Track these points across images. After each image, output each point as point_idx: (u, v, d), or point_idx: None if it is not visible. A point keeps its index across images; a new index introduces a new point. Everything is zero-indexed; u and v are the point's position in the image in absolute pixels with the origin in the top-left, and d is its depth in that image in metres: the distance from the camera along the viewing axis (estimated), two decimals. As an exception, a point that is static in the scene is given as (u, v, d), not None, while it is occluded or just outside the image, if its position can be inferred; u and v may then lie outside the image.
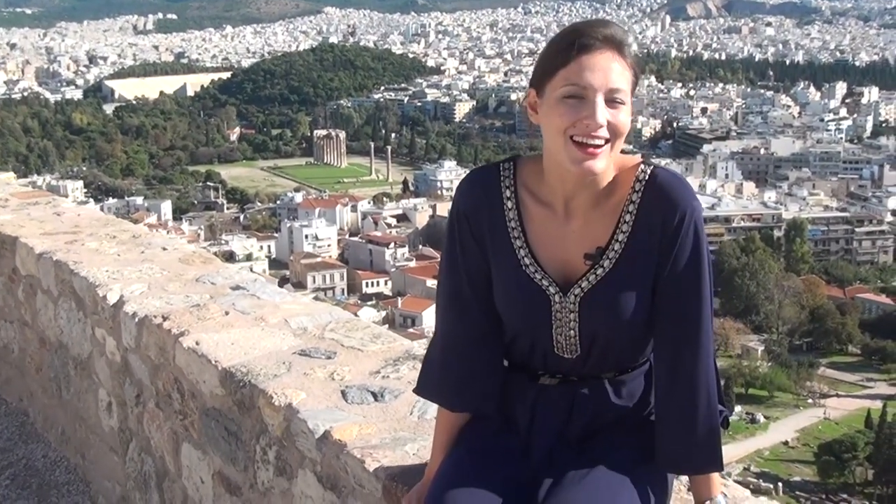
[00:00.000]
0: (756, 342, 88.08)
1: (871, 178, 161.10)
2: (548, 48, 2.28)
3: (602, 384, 2.43)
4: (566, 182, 2.31)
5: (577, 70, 2.20)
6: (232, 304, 4.13)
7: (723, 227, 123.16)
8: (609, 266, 2.33)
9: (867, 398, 74.99)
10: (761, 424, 71.02)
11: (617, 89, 2.23)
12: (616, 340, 2.39)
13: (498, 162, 2.44)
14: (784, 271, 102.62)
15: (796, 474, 63.26)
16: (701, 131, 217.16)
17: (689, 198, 2.34)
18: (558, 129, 2.20)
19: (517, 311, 2.38)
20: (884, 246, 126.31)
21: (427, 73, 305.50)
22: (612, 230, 2.33)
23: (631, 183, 2.34)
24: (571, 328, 2.36)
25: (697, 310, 2.36)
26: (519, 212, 2.37)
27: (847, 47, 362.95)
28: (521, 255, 2.36)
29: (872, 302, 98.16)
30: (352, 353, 3.56)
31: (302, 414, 3.05)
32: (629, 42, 2.33)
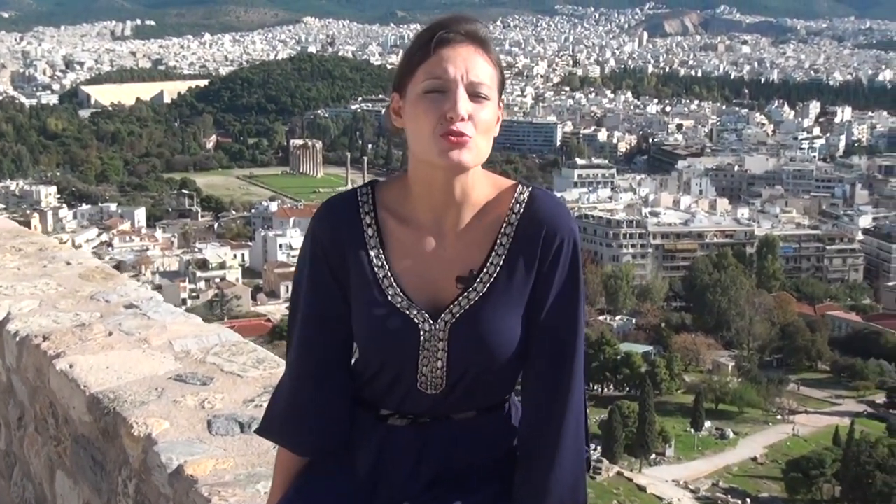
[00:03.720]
0: (727, 358, 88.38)
1: (843, 196, 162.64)
2: (408, 47, 2.17)
3: (458, 424, 2.25)
4: (434, 192, 2.16)
5: (438, 62, 2.09)
6: (118, 325, 3.93)
7: (696, 243, 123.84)
8: (482, 290, 2.17)
9: (836, 415, 75.33)
10: (730, 440, 71.15)
11: (479, 83, 2.10)
12: (485, 374, 2.21)
13: (355, 187, 2.29)
14: (755, 288, 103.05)
15: (764, 490, 63.40)
16: (676, 147, 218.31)
17: (569, 221, 2.20)
18: (423, 127, 2.08)
19: (382, 347, 2.20)
20: (854, 264, 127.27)
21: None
22: (487, 252, 2.17)
23: (509, 203, 2.19)
24: (439, 358, 2.18)
25: (573, 341, 2.22)
26: (381, 238, 2.21)
27: (821, 67, 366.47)
28: (386, 285, 2.19)
29: (842, 320, 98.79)
30: (230, 378, 3.36)
31: (159, 446, 2.86)
32: (492, 40, 2.21)
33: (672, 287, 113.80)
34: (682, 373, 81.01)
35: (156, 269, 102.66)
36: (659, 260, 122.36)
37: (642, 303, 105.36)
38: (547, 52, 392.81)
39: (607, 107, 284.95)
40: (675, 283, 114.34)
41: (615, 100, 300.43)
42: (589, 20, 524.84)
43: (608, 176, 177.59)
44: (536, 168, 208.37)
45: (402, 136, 2.24)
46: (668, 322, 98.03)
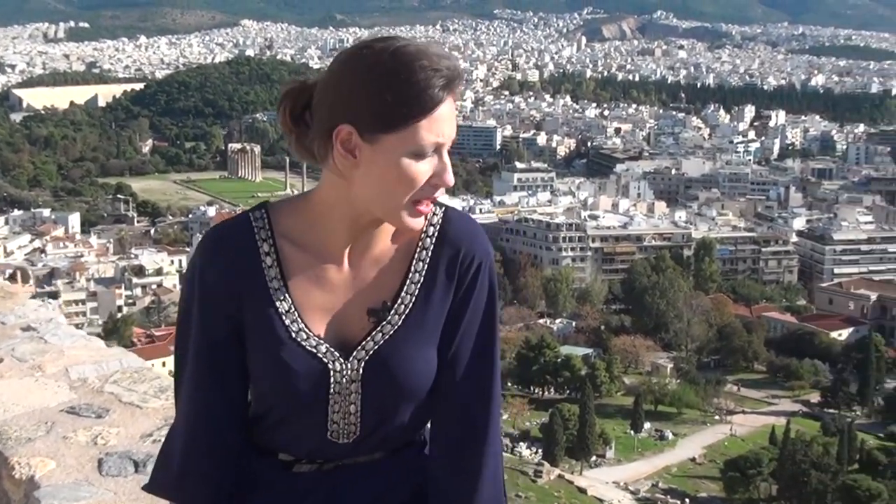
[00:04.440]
0: (665, 359, 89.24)
1: (778, 199, 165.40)
2: (396, 86, 1.83)
3: (370, 467, 2.05)
4: (344, 219, 1.96)
5: (439, 121, 1.85)
6: (11, 350, 3.63)
7: (634, 246, 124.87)
8: (397, 323, 1.97)
9: (772, 415, 76.52)
10: (669, 441, 71.78)
11: (455, 137, 1.92)
12: (402, 415, 2.02)
13: (246, 212, 2.03)
14: (693, 290, 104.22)
15: (703, 490, 64.04)
16: (614, 151, 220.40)
17: (485, 243, 2.03)
18: (399, 189, 1.86)
19: (286, 392, 1.97)
20: (789, 266, 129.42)
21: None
22: (401, 280, 1.99)
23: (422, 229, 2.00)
24: (352, 402, 1.98)
25: (490, 374, 2.03)
26: (281, 268, 1.97)
27: (756, 71, 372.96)
28: (289, 321, 1.96)
29: (778, 320, 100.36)
30: (128, 410, 3.10)
31: (42, 490, 2.61)
32: None
33: (611, 289, 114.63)
34: (621, 375, 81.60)
35: (91, 276, 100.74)
36: (598, 263, 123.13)
37: (582, 305, 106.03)
38: (486, 57, 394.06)
39: (546, 111, 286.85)
40: (615, 286, 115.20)
41: (554, 104, 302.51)
42: (528, 24, 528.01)
43: (548, 179, 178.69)
44: (477, 172, 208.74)
45: (316, 164, 1.97)
46: (607, 324, 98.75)
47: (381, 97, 1.81)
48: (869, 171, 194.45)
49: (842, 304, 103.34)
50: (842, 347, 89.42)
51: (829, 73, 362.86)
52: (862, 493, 57.35)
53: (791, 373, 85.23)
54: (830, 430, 69.63)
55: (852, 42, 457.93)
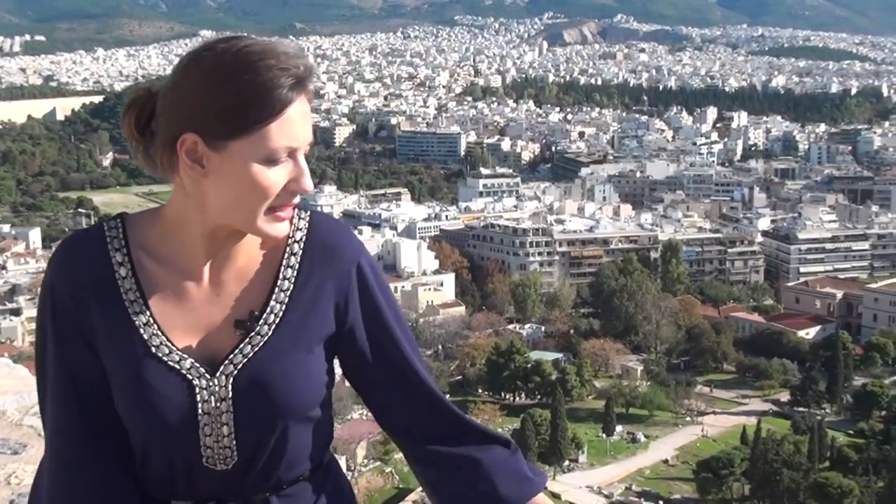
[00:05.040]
0: (635, 362, 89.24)
1: (742, 199, 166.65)
2: (235, 89, 1.71)
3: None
4: (199, 241, 1.83)
5: (289, 124, 1.72)
6: (-78, 378, 3.15)
7: (601, 249, 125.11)
8: (268, 333, 1.84)
9: (743, 414, 76.72)
10: (642, 444, 71.74)
11: (311, 139, 1.80)
12: (286, 437, 1.85)
13: (100, 222, 1.91)
14: (661, 292, 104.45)
15: (676, 492, 63.99)
16: (579, 155, 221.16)
17: (356, 242, 1.93)
18: (254, 198, 1.73)
19: (150, 413, 1.80)
20: (755, 266, 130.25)
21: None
22: (270, 289, 1.87)
23: (289, 231, 1.90)
24: (224, 423, 1.82)
25: (409, 366, 1.92)
26: (138, 280, 1.85)
27: (717, 73, 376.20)
28: (147, 336, 1.82)
29: (745, 320, 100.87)
30: (51, 444, 2.61)
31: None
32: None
33: (579, 293, 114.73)
34: (592, 379, 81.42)
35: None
36: (566, 267, 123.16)
37: (551, 310, 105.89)
38: (448, 63, 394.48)
39: (510, 116, 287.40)
40: (583, 290, 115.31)
41: (517, 109, 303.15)
42: (489, 30, 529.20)
43: (513, 185, 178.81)
44: (441, 178, 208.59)
45: (166, 176, 1.83)
46: (576, 328, 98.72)
47: (224, 101, 1.69)
48: (831, 170, 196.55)
49: (808, 302, 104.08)
50: (809, 346, 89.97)
51: (790, 74, 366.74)
52: (833, 491, 57.54)
53: (760, 372, 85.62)
54: (801, 429, 69.91)
55: (811, 43, 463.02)
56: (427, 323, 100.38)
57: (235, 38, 1.75)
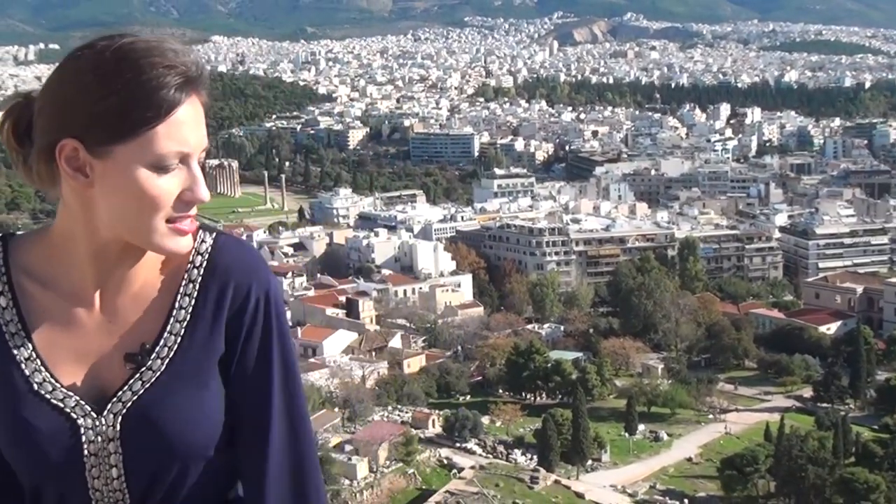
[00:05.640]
0: (656, 360, 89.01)
1: (758, 195, 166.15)
2: (117, 90, 1.56)
3: None
4: (88, 261, 1.66)
5: (176, 127, 1.59)
6: None
7: (618, 248, 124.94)
8: (161, 368, 1.69)
9: (766, 411, 76.47)
10: (665, 442, 71.57)
11: (206, 147, 1.68)
12: (181, 479, 1.70)
13: None
14: (679, 289, 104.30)
15: (701, 490, 63.83)
16: (593, 154, 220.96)
17: (262, 270, 1.77)
18: (147, 208, 1.58)
19: (32, 454, 1.65)
20: (773, 262, 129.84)
21: (319, 100, 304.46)
22: (165, 319, 1.72)
23: (188, 256, 1.73)
24: (113, 464, 1.67)
25: (295, 413, 1.74)
26: (20, 309, 1.69)
27: (729, 69, 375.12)
28: (30, 371, 1.67)
29: (765, 317, 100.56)
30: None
31: None
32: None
33: (598, 292, 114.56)
34: (612, 377, 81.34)
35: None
36: (583, 266, 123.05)
37: (569, 310, 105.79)
38: (459, 64, 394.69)
39: (522, 116, 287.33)
40: (601, 289, 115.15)
41: (530, 109, 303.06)
42: (499, 31, 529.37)
43: (527, 185, 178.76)
44: (456, 179, 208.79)
45: (45, 190, 1.70)
46: (595, 327, 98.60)
47: (105, 102, 1.55)
48: (847, 164, 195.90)
49: (828, 298, 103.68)
50: (831, 341, 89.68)
51: (802, 69, 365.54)
52: (860, 486, 57.35)
53: (782, 368, 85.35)
54: (825, 425, 69.66)
55: (823, 37, 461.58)
56: (446, 324, 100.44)
57: (119, 35, 1.63)
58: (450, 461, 64.52)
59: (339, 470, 58.28)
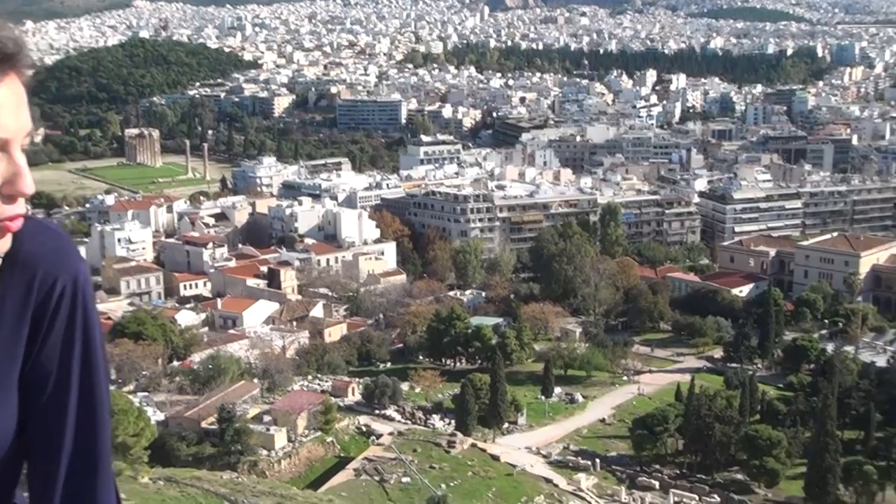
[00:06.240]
0: (574, 324, 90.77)
1: (680, 161, 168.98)
2: None
3: None
4: None
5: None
6: None
7: (541, 214, 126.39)
8: None
9: (678, 372, 78.68)
10: (580, 404, 73.36)
11: (31, 128, 1.54)
12: None
13: None
14: (600, 254, 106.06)
15: (613, 449, 65.80)
16: (520, 120, 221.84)
17: (72, 259, 1.67)
18: None
19: None
20: (692, 226, 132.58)
21: (244, 67, 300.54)
22: None
23: None
24: None
25: (92, 427, 1.65)
26: None
27: (657, 36, 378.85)
28: None
29: (682, 280, 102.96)
30: None
31: None
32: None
33: (520, 258, 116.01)
34: (531, 342, 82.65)
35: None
36: (506, 232, 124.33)
37: (491, 276, 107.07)
38: (389, 30, 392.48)
39: (451, 82, 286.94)
40: (523, 255, 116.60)
41: (459, 75, 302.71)
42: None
43: (454, 152, 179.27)
44: (382, 147, 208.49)
45: None
46: (517, 293, 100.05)
47: None
48: (766, 130, 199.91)
49: (742, 261, 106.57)
50: (743, 303, 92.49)
51: (727, 36, 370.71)
52: (763, 442, 59.76)
53: (695, 330, 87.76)
54: (733, 384, 72.11)
55: (749, 4, 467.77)
56: (368, 292, 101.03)
57: None
58: (368, 428, 65.51)
59: (257, 440, 58.91)
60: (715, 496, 58.45)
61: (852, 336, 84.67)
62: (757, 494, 59.58)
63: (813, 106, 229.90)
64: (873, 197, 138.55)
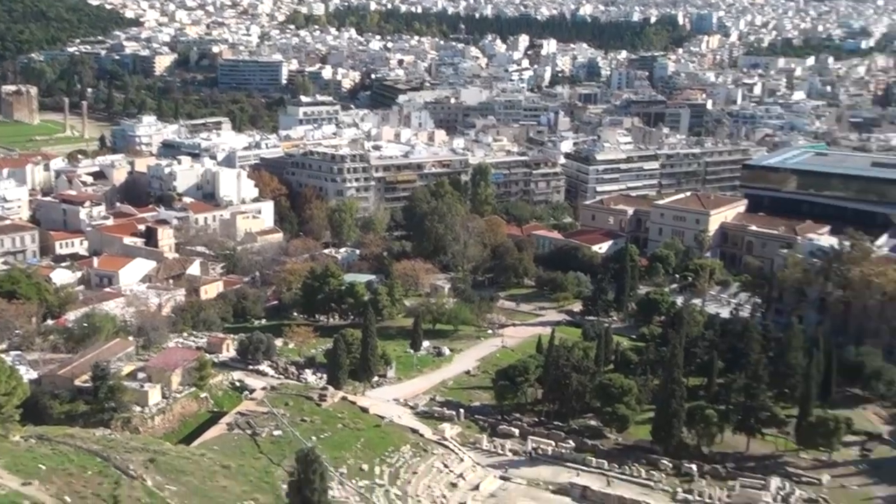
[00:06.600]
0: (444, 280, 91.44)
1: (548, 124, 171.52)
2: None
3: None
4: None
5: None
6: None
7: (415, 174, 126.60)
8: None
9: (539, 325, 79.96)
10: (447, 357, 73.97)
11: None
12: None
13: None
14: (470, 213, 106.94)
15: (476, 399, 66.54)
16: (397, 82, 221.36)
17: None
18: None
19: None
20: (557, 186, 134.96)
21: (125, 24, 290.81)
22: None
23: None
24: None
25: None
26: None
27: (530, 2, 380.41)
28: None
29: (546, 237, 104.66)
30: None
31: None
32: None
33: (393, 217, 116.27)
34: (402, 298, 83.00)
35: None
36: (381, 192, 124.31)
37: (366, 234, 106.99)
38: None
39: (332, 44, 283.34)
40: (397, 213, 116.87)
41: (339, 37, 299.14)
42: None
43: (333, 112, 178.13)
44: (263, 107, 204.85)
45: None
46: (389, 251, 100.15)
47: None
48: (629, 94, 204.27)
49: (603, 219, 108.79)
50: (602, 259, 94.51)
51: (596, 3, 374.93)
52: (615, 390, 61.35)
53: (557, 285, 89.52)
54: (590, 336, 73.80)
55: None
56: (245, 250, 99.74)
57: None
58: (242, 383, 64.69)
59: (131, 397, 57.53)
60: (570, 441, 59.90)
61: (700, 290, 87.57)
62: (608, 439, 61.21)
63: (672, 72, 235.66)
64: (724, 159, 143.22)
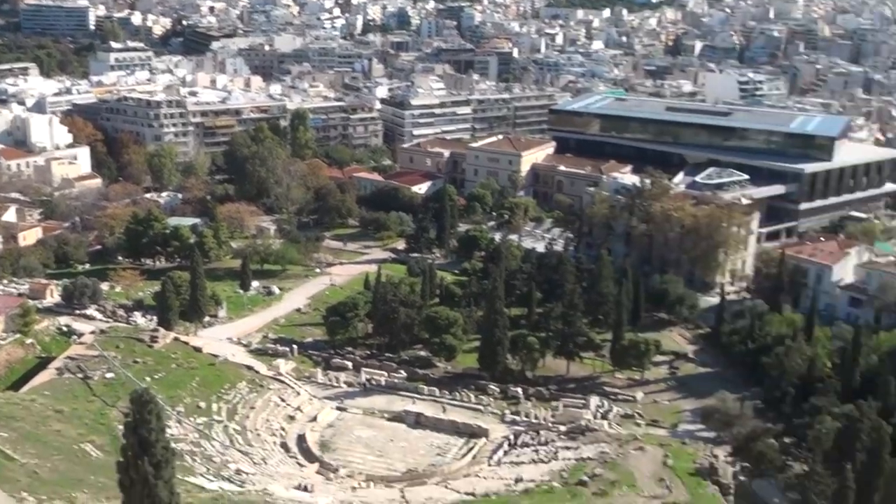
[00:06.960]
0: (269, 222, 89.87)
1: (363, 70, 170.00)
2: None
3: None
4: None
5: None
6: None
7: (234, 119, 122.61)
8: None
9: (366, 263, 79.88)
10: (276, 296, 72.92)
11: None
12: None
13: None
14: (290, 157, 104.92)
15: (308, 336, 66.07)
16: (210, 29, 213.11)
17: None
18: None
19: None
20: (374, 130, 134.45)
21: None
22: None
23: None
24: None
25: None
26: None
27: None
28: None
29: (367, 180, 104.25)
30: None
31: None
32: None
33: (214, 161, 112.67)
34: (228, 240, 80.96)
35: None
36: (200, 137, 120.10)
37: (187, 178, 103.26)
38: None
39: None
40: (217, 158, 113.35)
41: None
42: None
43: (145, 59, 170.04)
44: (71, 53, 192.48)
45: None
46: (212, 194, 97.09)
47: None
48: (439, 43, 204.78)
49: (421, 161, 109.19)
50: (422, 200, 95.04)
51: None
52: (442, 322, 62.23)
53: (380, 225, 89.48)
54: (415, 272, 74.40)
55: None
56: (63, 196, 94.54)
57: None
58: (70, 328, 61.65)
59: (-52, 347, 53.77)
60: (402, 372, 60.43)
61: (516, 226, 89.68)
62: (438, 368, 62.16)
63: (479, 22, 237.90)
64: (532, 104, 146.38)
